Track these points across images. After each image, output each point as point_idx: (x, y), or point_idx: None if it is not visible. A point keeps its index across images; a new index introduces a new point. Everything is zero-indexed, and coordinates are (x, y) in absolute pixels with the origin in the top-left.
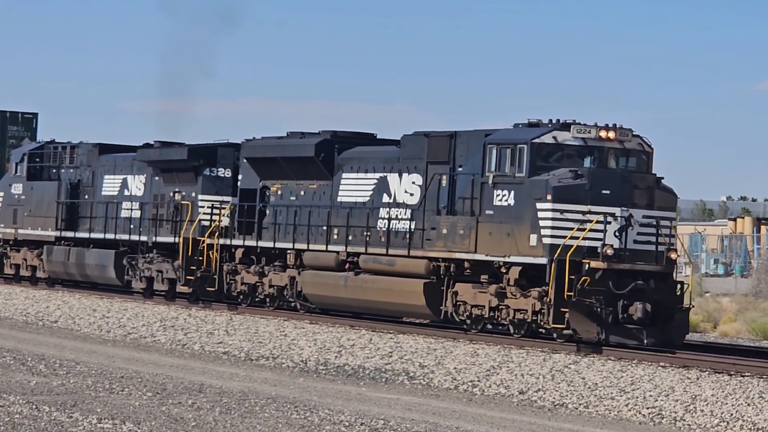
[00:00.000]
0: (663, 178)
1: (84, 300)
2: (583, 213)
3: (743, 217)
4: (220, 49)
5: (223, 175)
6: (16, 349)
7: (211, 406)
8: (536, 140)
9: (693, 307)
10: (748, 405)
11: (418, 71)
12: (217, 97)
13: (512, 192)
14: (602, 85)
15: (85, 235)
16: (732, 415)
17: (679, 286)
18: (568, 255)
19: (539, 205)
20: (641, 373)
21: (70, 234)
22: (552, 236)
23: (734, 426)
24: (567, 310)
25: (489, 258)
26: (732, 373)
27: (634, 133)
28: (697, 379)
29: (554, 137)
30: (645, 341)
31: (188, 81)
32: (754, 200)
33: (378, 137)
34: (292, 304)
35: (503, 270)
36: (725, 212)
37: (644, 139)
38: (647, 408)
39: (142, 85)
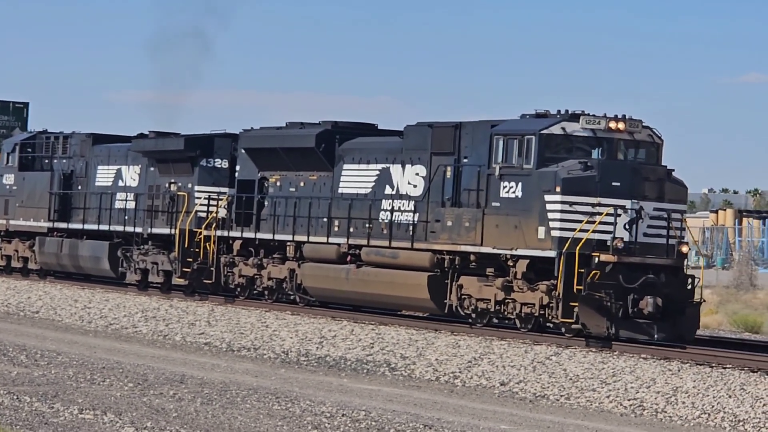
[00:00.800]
0: (673, 170)
1: (65, 291)
2: (593, 205)
3: (725, 210)
4: (212, 41)
5: (220, 166)
6: None
7: (192, 396)
8: (544, 131)
9: (704, 301)
10: (730, 397)
11: (400, 65)
12: (200, 88)
13: (520, 184)
14: (585, 76)
15: (79, 226)
16: (713, 406)
17: (690, 279)
18: (578, 248)
19: (548, 197)
20: (623, 364)
21: (63, 225)
22: (561, 229)
23: (715, 418)
24: (576, 304)
25: (495, 251)
26: (713, 365)
27: (644, 124)
28: (679, 371)
29: (563, 128)
30: (656, 336)
31: (183, 71)
32: (735, 192)
33: (379, 128)
34: (292, 297)
35: (510, 263)
36: (707, 204)
37: (654, 130)
38: (628, 400)
39: (137, 74)
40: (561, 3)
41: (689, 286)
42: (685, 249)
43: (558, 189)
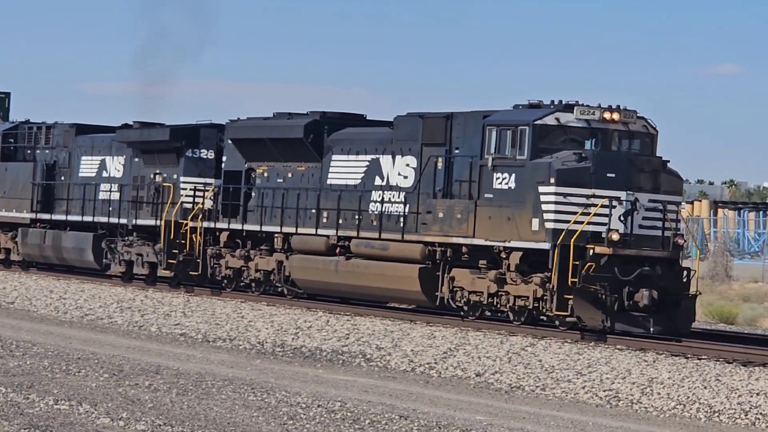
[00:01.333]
0: (669, 161)
1: (41, 281)
2: (588, 197)
3: (700, 201)
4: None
5: (206, 157)
6: None
7: (167, 387)
8: (538, 122)
9: (700, 294)
10: (705, 388)
11: (370, 57)
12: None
13: (513, 175)
14: (561, 68)
15: (62, 217)
16: (688, 397)
17: (685, 272)
18: (573, 240)
19: (542, 189)
20: (598, 355)
21: (46, 216)
22: (555, 221)
23: (691, 408)
24: (571, 297)
25: (488, 243)
26: (688, 356)
27: (638, 114)
28: (654, 361)
29: (557, 119)
30: (651, 329)
31: (166, 61)
32: (711, 183)
33: (368, 118)
34: (279, 289)
35: (503, 255)
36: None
37: (649, 121)
38: (604, 391)
39: (122, 65)
40: None
41: (685, 279)
42: (680, 241)
43: (552, 180)
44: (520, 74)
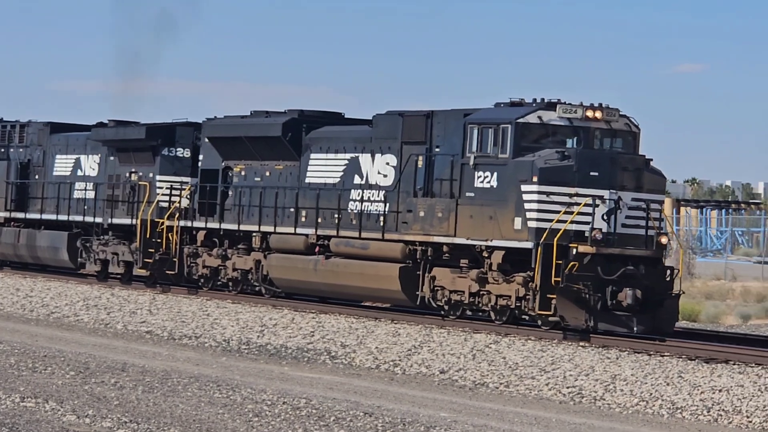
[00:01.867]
0: (652, 159)
1: (7, 279)
2: (570, 195)
3: None
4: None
5: (182, 155)
6: None
7: (134, 384)
8: (521, 120)
9: (683, 293)
10: (667, 384)
11: (338, 55)
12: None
13: (495, 173)
14: (535, 67)
15: (36, 216)
16: (651, 394)
17: (669, 271)
18: (556, 239)
19: (524, 188)
20: (561, 352)
21: (20, 215)
22: (538, 219)
23: (653, 405)
24: (554, 296)
25: (470, 242)
26: (651, 353)
27: (621, 112)
28: (617, 358)
29: (539, 117)
30: (635, 329)
31: (139, 60)
32: (673, 182)
33: (346, 117)
34: (257, 289)
35: (485, 254)
36: None
37: (631, 119)
38: (567, 387)
39: (96, 63)
40: None
41: (668, 278)
42: (664, 240)
43: (535, 179)
44: (496, 73)
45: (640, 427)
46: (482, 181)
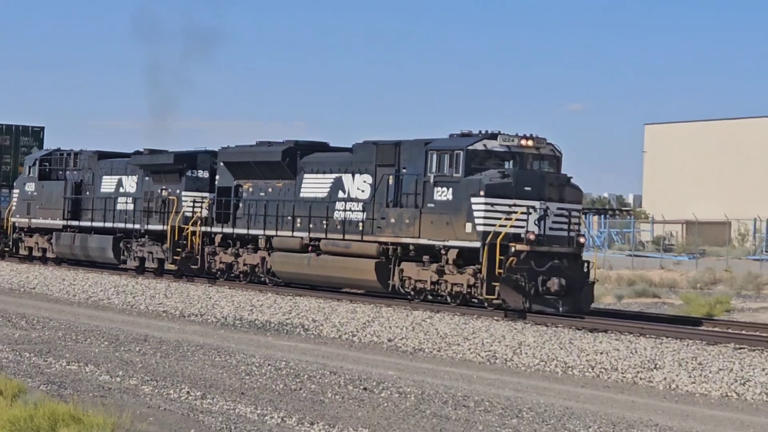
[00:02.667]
0: (572, 177)
1: (55, 272)
2: (509, 206)
3: None
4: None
5: (202, 176)
6: (3, 310)
7: (153, 351)
8: (471, 147)
9: (597, 281)
10: (561, 349)
11: (313, 94)
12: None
13: (450, 189)
14: (469, 104)
15: (88, 223)
16: (549, 356)
17: (586, 264)
18: (499, 240)
19: (474, 200)
20: (480, 325)
21: (74, 223)
22: (485, 224)
23: (550, 365)
24: (497, 284)
25: (431, 242)
26: (548, 324)
27: (547, 141)
28: (522, 329)
29: (485, 145)
30: (560, 309)
31: (169, 104)
32: None
33: (330, 145)
34: (262, 279)
35: (443, 252)
36: None
37: (555, 146)
38: (485, 352)
39: (134, 105)
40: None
41: (585, 269)
42: (582, 240)
43: (482, 193)
44: (442, 108)
45: (540, 382)
46: (440, 195)
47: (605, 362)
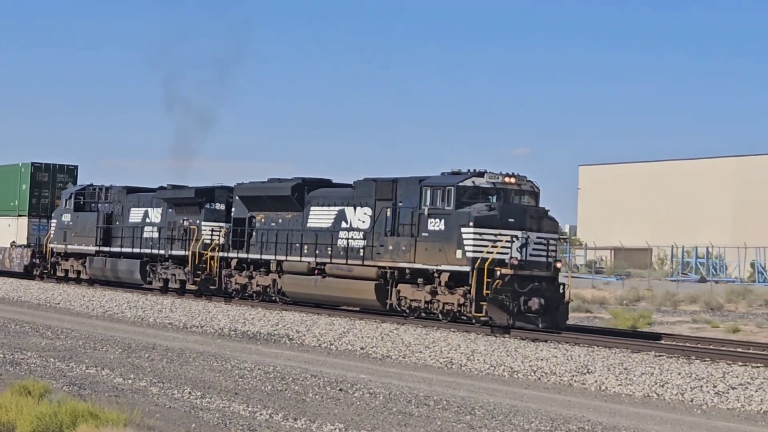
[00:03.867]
0: (549, 210)
1: (77, 290)
2: (495, 235)
3: None
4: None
5: (219, 208)
6: (32, 322)
7: (160, 358)
8: (461, 184)
9: (572, 301)
10: (508, 356)
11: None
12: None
13: (443, 220)
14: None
15: (118, 249)
16: (497, 362)
17: (562, 286)
18: (486, 264)
19: (464, 230)
20: (439, 335)
21: (106, 249)
22: (473, 251)
23: (499, 369)
24: (485, 303)
25: (425, 266)
26: (497, 335)
27: (527, 178)
28: (475, 339)
29: (473, 181)
30: (540, 325)
31: (189, 146)
32: None
33: (333, 182)
34: (273, 298)
35: (436, 275)
36: None
37: (534, 182)
38: (443, 358)
39: (157, 148)
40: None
41: (561, 291)
42: (559, 265)
43: (471, 224)
44: (413, 149)
45: (490, 384)
46: (434, 225)
47: (545, 367)
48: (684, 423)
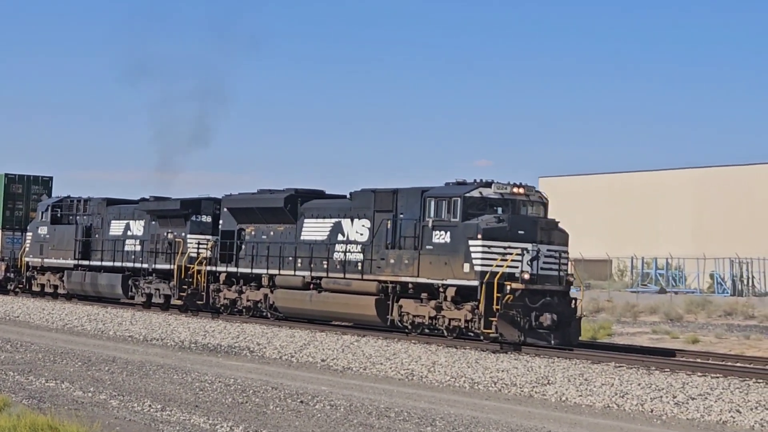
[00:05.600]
0: (559, 221)
1: (36, 302)
2: (505, 248)
3: None
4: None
5: (205, 220)
6: None
7: (120, 371)
8: (467, 194)
9: (585, 316)
10: (469, 367)
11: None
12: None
13: (448, 232)
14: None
15: (97, 263)
16: (458, 373)
17: (574, 301)
18: (496, 279)
19: (471, 242)
20: (399, 347)
21: (85, 262)
22: (482, 265)
23: (459, 381)
24: (494, 319)
25: (430, 281)
26: (458, 346)
27: (536, 189)
28: (436, 351)
29: (480, 192)
30: (552, 342)
31: (173, 158)
32: None
33: (326, 192)
34: (264, 314)
35: (441, 290)
36: None
37: (543, 193)
38: (404, 370)
39: (138, 157)
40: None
41: (573, 306)
42: (570, 279)
43: (479, 236)
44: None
45: (451, 395)
46: (438, 238)
47: (506, 378)
48: None
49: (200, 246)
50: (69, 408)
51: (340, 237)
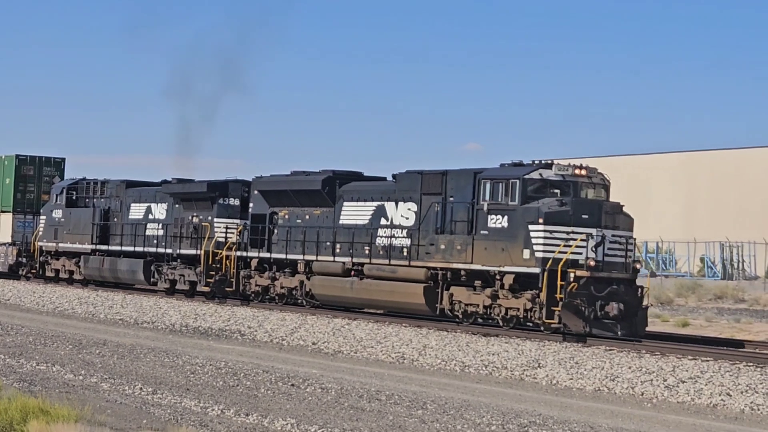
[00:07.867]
0: (624, 205)
1: (27, 286)
2: (568, 233)
3: None
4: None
5: (233, 204)
6: None
7: (111, 354)
8: (527, 176)
9: (652, 305)
10: (459, 351)
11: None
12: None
13: (506, 216)
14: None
15: (116, 248)
16: (449, 357)
17: (640, 289)
18: (560, 266)
19: (532, 227)
20: (390, 330)
21: (103, 247)
22: (543, 251)
23: (450, 364)
24: (557, 309)
25: (485, 268)
26: (449, 330)
27: (598, 170)
28: (427, 334)
29: (540, 174)
30: (618, 333)
31: (193, 140)
32: None
33: (364, 174)
34: (299, 302)
35: (497, 277)
36: None
37: (605, 174)
38: (395, 353)
39: (155, 143)
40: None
41: (640, 295)
42: (638, 266)
43: (541, 221)
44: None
45: (442, 379)
46: (494, 222)
47: (497, 362)
48: (634, 416)
49: (228, 230)
50: (60, 391)
51: (383, 221)
